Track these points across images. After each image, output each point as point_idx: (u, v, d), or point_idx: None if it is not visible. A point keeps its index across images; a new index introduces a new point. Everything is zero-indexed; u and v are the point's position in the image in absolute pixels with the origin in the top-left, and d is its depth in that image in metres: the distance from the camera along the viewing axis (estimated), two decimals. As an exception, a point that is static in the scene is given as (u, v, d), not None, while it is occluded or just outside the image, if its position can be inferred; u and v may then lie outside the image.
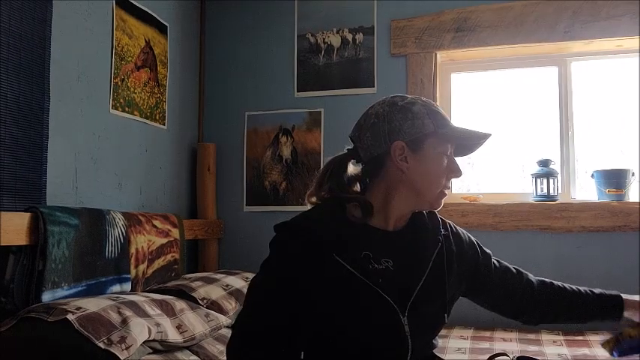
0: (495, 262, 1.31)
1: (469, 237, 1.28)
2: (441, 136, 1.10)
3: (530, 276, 1.33)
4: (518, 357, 1.32)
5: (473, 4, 2.64)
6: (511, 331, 2.21)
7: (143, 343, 1.56)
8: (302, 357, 1.09)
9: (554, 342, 2.07)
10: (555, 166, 2.58)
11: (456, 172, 1.14)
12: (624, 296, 1.31)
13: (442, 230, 1.19)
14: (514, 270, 1.32)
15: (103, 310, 1.58)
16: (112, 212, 2.04)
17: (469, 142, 1.17)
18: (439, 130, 1.10)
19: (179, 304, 1.88)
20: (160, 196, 2.66)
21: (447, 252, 1.18)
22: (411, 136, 1.09)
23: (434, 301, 1.14)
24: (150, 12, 2.57)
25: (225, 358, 1.78)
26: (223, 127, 3.01)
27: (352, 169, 1.18)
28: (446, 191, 1.15)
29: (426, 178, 1.11)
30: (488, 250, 1.31)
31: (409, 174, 1.10)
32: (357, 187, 1.19)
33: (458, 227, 1.27)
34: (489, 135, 1.15)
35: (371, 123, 1.12)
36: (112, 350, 1.43)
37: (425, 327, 1.12)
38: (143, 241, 2.18)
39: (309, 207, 1.18)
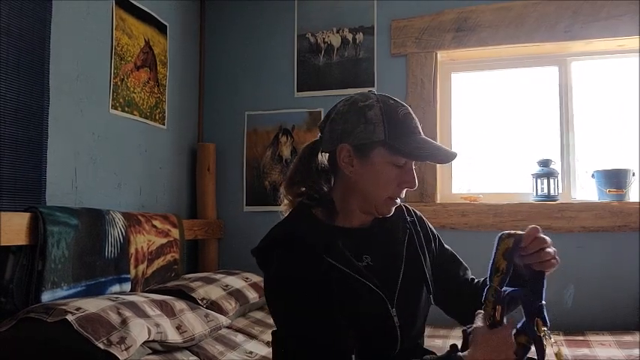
0: (453, 257, 1.32)
1: (431, 226, 1.30)
2: (391, 147, 1.07)
3: (469, 272, 1.33)
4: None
5: (473, 3, 2.64)
6: (511, 332, 2.21)
7: (143, 343, 1.55)
8: None
9: (554, 342, 2.07)
10: (555, 165, 2.58)
11: (409, 184, 1.11)
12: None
13: (407, 217, 1.22)
14: (464, 269, 1.32)
15: (103, 310, 1.57)
16: (111, 212, 2.04)
17: (427, 159, 1.10)
18: (389, 141, 1.06)
19: (179, 305, 1.88)
20: (160, 196, 2.66)
21: (417, 236, 1.20)
22: (359, 141, 1.08)
23: (418, 287, 1.17)
24: (149, 12, 2.57)
25: (224, 358, 1.78)
26: (223, 127, 3.01)
27: (324, 158, 1.19)
28: (397, 200, 1.13)
29: (372, 185, 1.10)
30: (448, 247, 1.32)
31: (355, 178, 1.11)
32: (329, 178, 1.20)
33: (420, 214, 1.29)
34: (451, 156, 1.09)
35: (331, 118, 1.14)
36: (111, 351, 1.43)
37: (413, 315, 1.14)
38: (143, 241, 2.17)
39: (284, 202, 1.20)
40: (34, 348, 1.45)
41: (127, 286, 2.04)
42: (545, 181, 2.54)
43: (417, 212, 1.28)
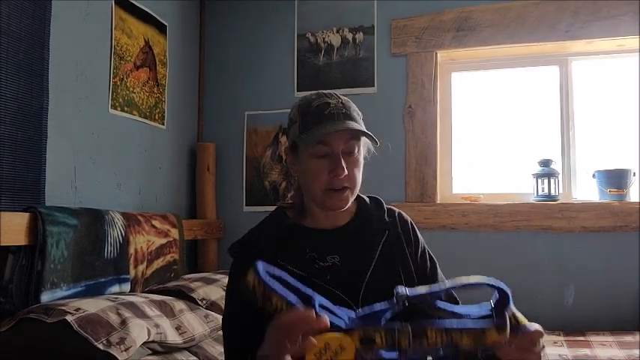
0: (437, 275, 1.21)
1: (418, 234, 1.22)
2: (302, 140, 1.08)
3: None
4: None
5: (473, 3, 2.63)
6: (512, 332, 2.20)
7: (142, 344, 1.55)
8: None
9: (554, 342, 2.07)
10: (556, 165, 2.57)
11: (335, 171, 1.07)
12: None
13: (387, 218, 1.19)
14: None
15: (102, 311, 1.57)
16: (111, 212, 2.04)
17: (320, 138, 1.07)
18: (301, 134, 1.09)
19: (178, 305, 1.88)
20: (159, 196, 2.66)
21: (396, 237, 1.17)
22: (290, 141, 1.14)
23: (390, 288, 1.12)
24: (149, 11, 2.56)
25: (223, 358, 1.77)
26: (223, 127, 3.00)
27: None
28: (344, 191, 1.09)
29: (307, 179, 1.11)
30: (434, 259, 1.22)
31: (297, 176, 1.16)
32: None
33: (409, 218, 1.23)
34: (347, 131, 1.07)
35: None
36: (111, 351, 1.43)
37: None
38: (142, 241, 2.17)
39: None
40: (33, 349, 1.45)
41: (127, 287, 2.04)
42: (546, 181, 2.53)
43: (404, 216, 1.23)
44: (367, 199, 1.22)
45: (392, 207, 1.24)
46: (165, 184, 2.70)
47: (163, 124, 2.68)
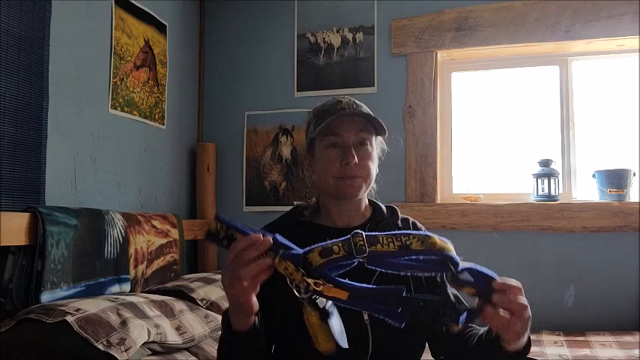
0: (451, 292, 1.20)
1: None
2: (320, 132, 1.15)
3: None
4: None
5: (473, 3, 2.63)
6: (512, 332, 2.20)
7: (142, 344, 1.55)
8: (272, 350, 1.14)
9: (555, 342, 2.07)
10: (556, 165, 2.57)
11: (346, 160, 1.12)
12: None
13: (400, 223, 1.23)
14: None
15: (102, 311, 1.57)
16: (111, 212, 2.03)
17: (328, 123, 1.13)
18: (315, 128, 1.15)
19: (178, 305, 1.87)
20: (159, 196, 2.65)
21: None
22: (307, 139, 1.22)
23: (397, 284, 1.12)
24: (149, 11, 2.56)
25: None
26: (223, 127, 3.00)
27: None
28: (356, 179, 1.13)
29: (320, 171, 1.17)
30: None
31: (312, 175, 1.23)
32: None
33: (423, 227, 1.25)
34: (357, 114, 1.13)
35: None
36: (111, 352, 1.43)
37: None
38: (142, 241, 2.17)
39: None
40: (33, 349, 1.45)
41: (127, 287, 2.04)
42: (546, 181, 2.53)
43: (418, 224, 1.26)
44: (383, 207, 1.26)
45: (407, 216, 1.28)
46: (165, 184, 2.70)
47: (163, 124, 2.68)
